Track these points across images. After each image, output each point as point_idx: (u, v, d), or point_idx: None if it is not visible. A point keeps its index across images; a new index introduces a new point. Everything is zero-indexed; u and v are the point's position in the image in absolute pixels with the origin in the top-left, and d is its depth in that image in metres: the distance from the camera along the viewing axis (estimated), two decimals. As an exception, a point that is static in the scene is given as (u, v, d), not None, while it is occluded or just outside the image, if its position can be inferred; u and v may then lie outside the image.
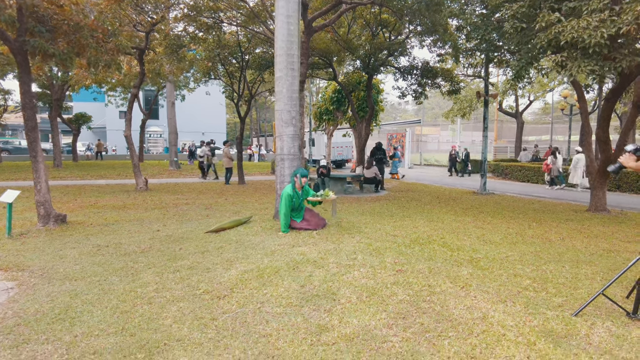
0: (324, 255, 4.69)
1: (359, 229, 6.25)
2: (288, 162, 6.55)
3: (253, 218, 7.12)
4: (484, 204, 9.92)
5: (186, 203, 9.39)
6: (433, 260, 4.60)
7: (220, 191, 12.33)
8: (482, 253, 4.95)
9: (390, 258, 4.62)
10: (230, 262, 4.53)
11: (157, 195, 10.80)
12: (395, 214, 7.99)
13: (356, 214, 7.99)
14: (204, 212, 8.00)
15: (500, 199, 11.31)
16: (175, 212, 7.96)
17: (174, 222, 6.96)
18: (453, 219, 7.54)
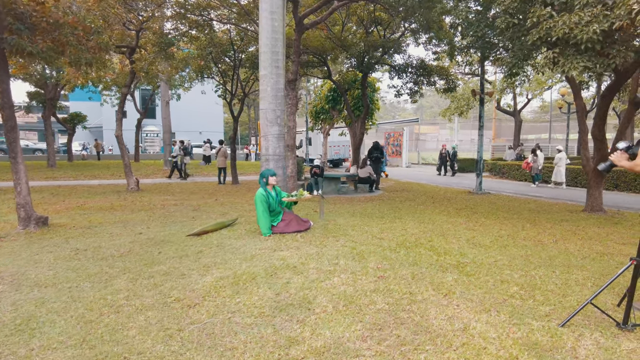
0: (305, 260, 4.54)
1: (345, 231, 6.13)
2: (273, 162, 6.41)
3: (239, 220, 6.99)
4: (478, 204, 9.77)
5: (174, 204, 9.26)
6: (418, 265, 4.44)
7: (212, 191, 12.19)
8: (469, 257, 4.80)
9: (373, 263, 4.47)
10: (207, 267, 4.38)
11: (147, 196, 10.66)
12: (386, 215, 7.85)
13: (346, 215, 7.85)
14: (190, 214, 7.87)
15: (495, 198, 11.16)
16: (161, 214, 7.84)
17: (159, 224, 6.84)
18: (445, 220, 7.41)
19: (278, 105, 6.35)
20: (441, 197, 11.42)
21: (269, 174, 5.94)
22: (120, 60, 18.61)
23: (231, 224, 6.60)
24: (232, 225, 6.61)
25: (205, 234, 5.95)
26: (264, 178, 5.94)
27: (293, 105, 10.28)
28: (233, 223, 6.69)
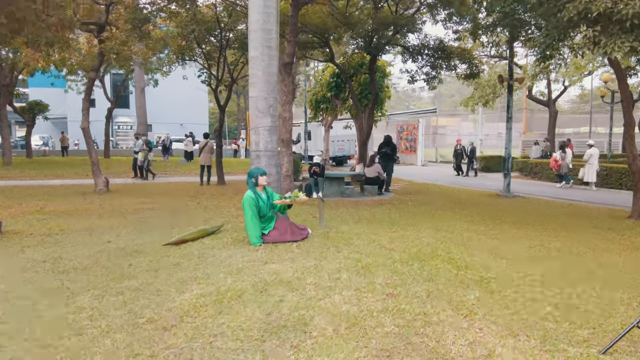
0: (301, 275, 4.52)
1: (349, 240, 6.10)
2: (265, 160, 6.41)
3: (224, 227, 6.98)
4: (505, 209, 9.77)
5: (150, 208, 9.28)
6: (434, 280, 4.42)
7: (193, 193, 12.20)
8: (495, 271, 4.77)
9: (381, 278, 4.45)
10: (186, 282, 4.36)
11: (117, 199, 10.67)
12: (397, 222, 7.83)
13: (350, 221, 7.82)
14: (168, 220, 7.87)
15: (525, 202, 11.15)
16: (134, 220, 7.85)
17: (130, 231, 6.84)
18: (466, 227, 7.39)
19: (271, 93, 6.34)
20: (462, 200, 11.40)
21: (259, 173, 5.92)
22: (87, 39, 18.61)
23: (215, 232, 6.58)
24: (216, 233, 6.58)
25: (184, 243, 5.93)
26: (252, 178, 5.93)
27: (289, 92, 10.27)
28: (217, 230, 6.67)
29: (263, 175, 5.94)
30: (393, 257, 5.27)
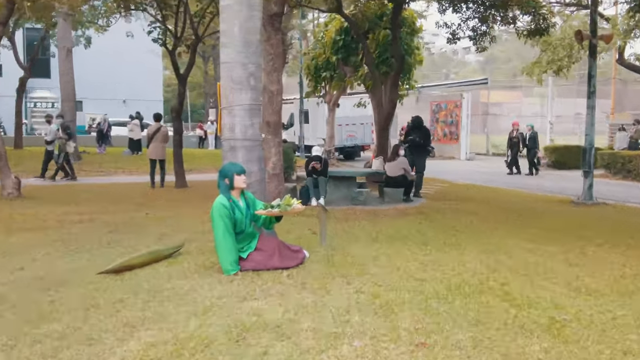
0: (295, 316, 4.54)
1: (363, 267, 6.10)
2: (243, 152, 6.47)
3: (186, 248, 7.00)
4: (585, 223, 9.79)
5: (79, 220, 9.32)
6: (482, 324, 4.42)
7: (142, 200, 12.24)
8: (571, 311, 4.78)
9: (408, 321, 4.45)
10: (132, 326, 4.38)
11: (34, 207, 10.74)
12: (431, 240, 7.83)
13: (364, 239, 7.83)
14: (106, 237, 7.91)
15: (614, 212, 11.17)
16: (58, 237, 7.90)
17: (53, 253, 6.85)
18: (529, 248, 7.38)
19: (251, 57, 6.34)
20: (524, 210, 11.40)
21: (235, 172, 5.93)
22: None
23: (172, 255, 6.59)
24: (174, 256, 6.60)
25: (129, 271, 5.94)
26: (226, 178, 5.95)
27: (277, 56, 10.28)
28: (176, 253, 6.68)
29: (241, 175, 5.95)
30: (425, 290, 5.26)
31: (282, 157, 10.77)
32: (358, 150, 29.27)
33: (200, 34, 15.04)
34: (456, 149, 28.58)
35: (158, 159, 14.67)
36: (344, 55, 18.71)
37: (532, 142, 20.63)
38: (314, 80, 21.28)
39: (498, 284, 5.56)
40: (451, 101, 29.22)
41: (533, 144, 20.63)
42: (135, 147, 25.08)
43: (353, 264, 6.22)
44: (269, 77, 10.19)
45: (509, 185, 16.89)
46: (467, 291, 5.28)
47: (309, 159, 12.61)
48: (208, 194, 13.23)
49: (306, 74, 21.99)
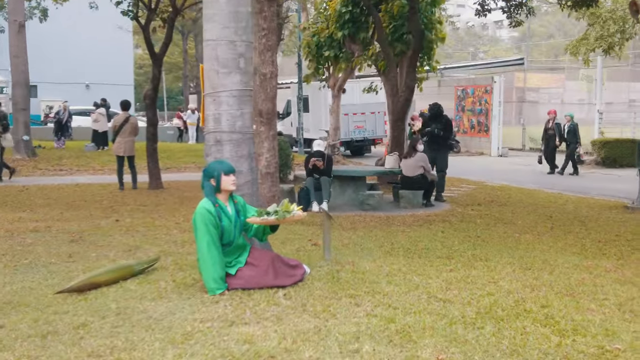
0: (293, 344, 4.53)
1: (375, 284, 6.11)
2: (230, 148, 6.46)
3: (162, 262, 7.02)
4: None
5: (34, 229, 9.34)
6: (519, 355, 4.42)
7: (109, 203, 12.26)
8: (626, 339, 4.78)
9: (430, 350, 4.45)
10: (98, 356, 4.38)
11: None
12: (456, 254, 7.85)
13: (376, 252, 7.86)
14: (66, 249, 7.92)
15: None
16: (7, 249, 7.92)
17: (1, 269, 6.86)
18: (574, 263, 7.39)
19: (241, 33, 6.33)
20: (567, 217, 11.41)
21: (222, 171, 5.94)
22: None
23: (145, 270, 6.61)
24: (148, 272, 6.61)
25: (94, 289, 5.95)
26: (211, 179, 5.95)
27: (271, 32, 10.29)
28: (149, 268, 6.70)
29: (229, 175, 5.95)
30: (449, 314, 5.26)
31: (277, 153, 10.77)
32: (368, 145, 29.21)
33: (178, 5, 15.05)
34: (486, 143, 28.57)
35: (126, 155, 14.65)
36: (351, 31, 18.66)
37: (571, 136, 20.40)
38: (315, 60, 21.23)
39: (537, 306, 5.54)
40: (480, 86, 29.21)
41: (573, 137, 20.41)
42: (101, 141, 25.11)
43: (363, 282, 6.20)
44: (261, 57, 10.18)
45: (551, 187, 16.87)
46: (501, 315, 5.26)
47: (309, 155, 12.61)
48: (187, 196, 13.31)
49: (305, 53, 21.91)
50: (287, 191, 12.14)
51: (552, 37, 67.66)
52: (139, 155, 15.26)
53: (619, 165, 22.00)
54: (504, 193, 15.26)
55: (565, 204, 13.43)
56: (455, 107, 29.46)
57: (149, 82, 16.58)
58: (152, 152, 14.90)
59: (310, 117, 28.81)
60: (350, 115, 27.47)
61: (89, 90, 39.93)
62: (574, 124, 20.57)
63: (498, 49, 73.76)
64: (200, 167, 19.14)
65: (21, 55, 20.86)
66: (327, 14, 19.93)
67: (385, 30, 16.69)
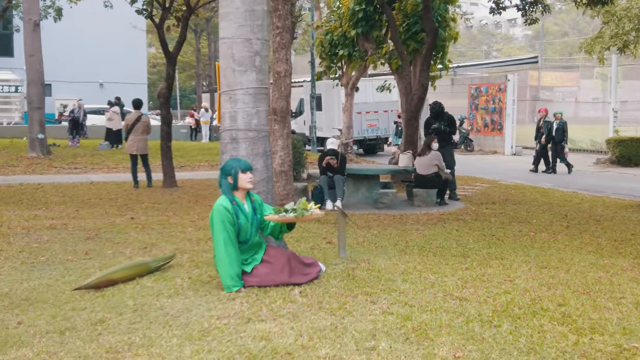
0: (309, 341, 4.54)
1: (390, 282, 6.12)
2: (246, 146, 6.47)
3: (178, 260, 7.04)
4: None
5: (51, 226, 9.38)
6: (536, 353, 4.40)
7: (124, 201, 12.30)
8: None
9: (446, 348, 4.45)
10: (116, 352, 4.40)
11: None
12: (472, 252, 7.83)
13: (391, 250, 7.85)
14: (81, 246, 7.95)
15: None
16: (23, 246, 7.96)
17: (18, 266, 6.89)
18: (590, 262, 7.36)
19: (257, 31, 6.34)
20: (582, 216, 11.36)
21: (240, 168, 5.94)
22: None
23: (161, 268, 6.63)
24: (164, 269, 6.64)
25: (111, 286, 5.98)
26: (229, 176, 5.95)
27: (285, 30, 10.29)
28: (165, 265, 6.72)
29: (246, 172, 5.95)
30: (466, 312, 5.26)
31: (291, 152, 10.78)
32: (381, 143, 29.16)
33: (192, 4, 15.08)
34: (499, 142, 28.45)
35: (138, 153, 14.69)
36: (364, 29, 18.62)
37: (560, 134, 20.07)
38: (328, 59, 21.21)
39: (554, 304, 5.52)
40: (494, 84, 29.09)
41: (561, 135, 20.08)
42: (115, 139, 25.20)
43: (378, 280, 6.21)
44: (276, 56, 10.20)
45: (564, 185, 16.78)
46: (517, 313, 5.25)
47: (322, 153, 12.61)
48: (202, 194, 13.35)
49: (319, 52, 21.91)
50: (300, 189, 12.15)
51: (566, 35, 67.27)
52: (152, 154, 15.31)
53: (634, 164, 21.87)
54: (518, 192, 15.20)
55: (581, 202, 13.36)
56: (469, 106, 29.35)
57: (163, 80, 16.62)
58: (167, 150, 14.94)
59: (323, 115, 28.79)
60: (363, 114, 27.43)
61: (103, 89, 40.04)
62: (562, 122, 20.30)
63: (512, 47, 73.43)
64: (213, 166, 19.28)
65: (36, 54, 20.93)
66: (340, 12, 19.91)
67: (399, 28, 16.66)
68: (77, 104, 28.21)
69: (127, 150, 14.86)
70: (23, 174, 17.06)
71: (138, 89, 38.70)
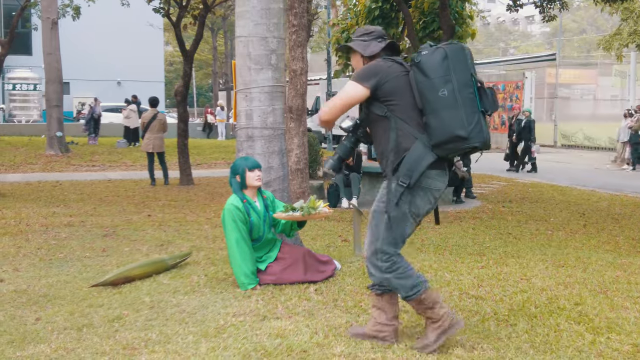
0: (324, 339, 4.54)
1: (407, 281, 6.07)
2: (262, 143, 6.46)
3: (194, 257, 7.06)
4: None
5: (69, 223, 9.44)
6: (553, 352, 4.37)
7: (140, 199, 12.36)
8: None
9: (461, 348, 4.42)
10: (132, 349, 4.42)
11: (14, 207, 10.93)
12: (488, 250, 7.80)
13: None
14: (99, 243, 8.00)
15: None
16: (42, 243, 8.00)
17: (36, 263, 6.94)
18: (608, 261, 7.30)
19: (273, 29, 6.35)
20: (600, 214, 11.29)
21: (247, 167, 5.93)
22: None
23: (177, 265, 6.66)
24: (180, 266, 6.66)
25: (127, 283, 6.01)
26: (237, 175, 5.96)
27: (301, 28, 10.29)
28: (181, 263, 6.74)
29: (253, 170, 5.93)
30: (482, 310, 5.24)
31: (307, 150, 10.78)
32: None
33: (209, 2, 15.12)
34: (516, 141, 28.29)
35: (155, 151, 14.75)
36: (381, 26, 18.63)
37: (526, 132, 19.66)
38: (344, 56, 21.18)
39: (571, 303, 5.48)
40: (511, 82, 28.93)
41: (528, 133, 19.69)
42: (132, 137, 25.34)
43: (394, 278, 6.23)
44: (292, 54, 10.22)
45: (582, 184, 16.68)
46: (533, 312, 5.22)
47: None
48: (218, 192, 13.39)
49: (335, 50, 21.91)
50: (316, 187, 12.15)
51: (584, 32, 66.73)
52: (169, 152, 15.37)
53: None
54: (535, 190, 15.12)
55: (598, 201, 13.27)
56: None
57: (180, 78, 16.69)
58: (183, 148, 15.00)
59: None
60: None
61: (121, 87, 40.22)
62: (530, 120, 19.98)
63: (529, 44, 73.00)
64: (229, 163, 19.28)
65: (54, 52, 21.08)
66: (356, 10, 19.86)
67: (416, 26, 16.60)
68: (95, 102, 28.37)
69: (144, 148, 14.93)
70: (41, 172, 17.19)
71: (155, 87, 38.89)
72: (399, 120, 4.11)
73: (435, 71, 3.95)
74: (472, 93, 3.98)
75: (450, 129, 3.92)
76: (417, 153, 4.04)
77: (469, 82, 3.98)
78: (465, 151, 4.08)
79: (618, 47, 21.68)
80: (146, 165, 15.23)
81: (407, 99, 4.10)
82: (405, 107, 4.11)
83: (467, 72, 4.00)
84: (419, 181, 4.05)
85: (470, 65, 4.06)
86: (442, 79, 3.92)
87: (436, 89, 3.93)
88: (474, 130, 3.93)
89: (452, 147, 3.99)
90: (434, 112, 3.95)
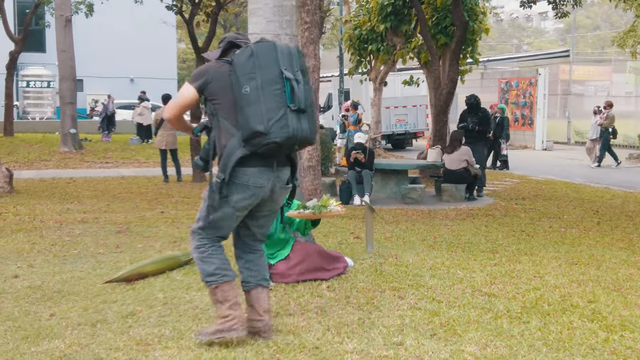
0: (336, 337, 4.54)
1: (418, 278, 6.09)
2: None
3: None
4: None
5: (82, 220, 9.48)
6: (566, 350, 4.36)
7: (153, 196, 12.40)
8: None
9: (474, 344, 4.42)
10: (146, 345, 4.44)
11: (28, 204, 11.00)
12: (501, 248, 7.79)
13: (419, 245, 7.82)
14: (112, 240, 8.03)
15: None
16: (56, 240, 8.05)
17: (51, 259, 6.98)
18: (622, 259, 7.27)
19: (286, 27, 6.36)
20: (613, 212, 11.23)
21: None
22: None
23: (190, 261, 6.63)
24: (193, 263, 6.64)
25: (141, 279, 6.04)
26: None
27: (314, 25, 10.28)
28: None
29: None
30: (494, 308, 5.22)
31: (320, 147, 10.78)
32: (409, 138, 29.03)
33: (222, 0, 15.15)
34: (530, 137, 28.15)
35: (168, 148, 14.82)
36: (393, 23, 18.54)
37: (498, 130, 19.09)
38: (357, 53, 21.15)
39: (584, 301, 5.47)
40: (524, 78, 28.78)
41: (500, 131, 19.22)
42: (145, 134, 25.41)
43: (406, 275, 6.19)
44: (304, 51, 10.19)
45: (595, 181, 16.59)
46: (547, 309, 5.21)
47: (350, 148, 12.60)
48: (230, 190, 13.40)
49: (347, 47, 21.82)
50: (328, 184, 12.16)
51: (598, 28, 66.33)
52: (182, 149, 15.41)
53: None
54: (548, 187, 15.06)
55: (612, 198, 13.20)
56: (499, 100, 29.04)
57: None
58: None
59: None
60: (392, 109, 27.31)
61: (134, 84, 40.32)
62: (502, 118, 19.70)
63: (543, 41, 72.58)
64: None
65: (68, 49, 21.16)
66: (369, 7, 19.85)
67: (428, 22, 16.57)
68: (109, 99, 28.48)
69: (157, 145, 15.00)
70: (55, 169, 17.29)
71: (168, 84, 38.89)
72: (221, 118, 4.25)
73: (242, 69, 4.09)
74: (280, 89, 4.05)
75: (250, 125, 4.03)
76: (230, 149, 4.16)
77: (277, 78, 4.06)
78: (270, 147, 4.07)
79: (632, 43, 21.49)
80: (159, 162, 15.27)
81: (230, 97, 4.20)
82: (226, 106, 4.23)
83: (275, 69, 4.07)
84: (234, 177, 4.16)
85: (280, 62, 4.12)
86: (246, 76, 4.06)
87: (241, 86, 4.06)
88: (275, 125, 3.99)
89: (256, 142, 4.07)
90: (240, 109, 4.08)
